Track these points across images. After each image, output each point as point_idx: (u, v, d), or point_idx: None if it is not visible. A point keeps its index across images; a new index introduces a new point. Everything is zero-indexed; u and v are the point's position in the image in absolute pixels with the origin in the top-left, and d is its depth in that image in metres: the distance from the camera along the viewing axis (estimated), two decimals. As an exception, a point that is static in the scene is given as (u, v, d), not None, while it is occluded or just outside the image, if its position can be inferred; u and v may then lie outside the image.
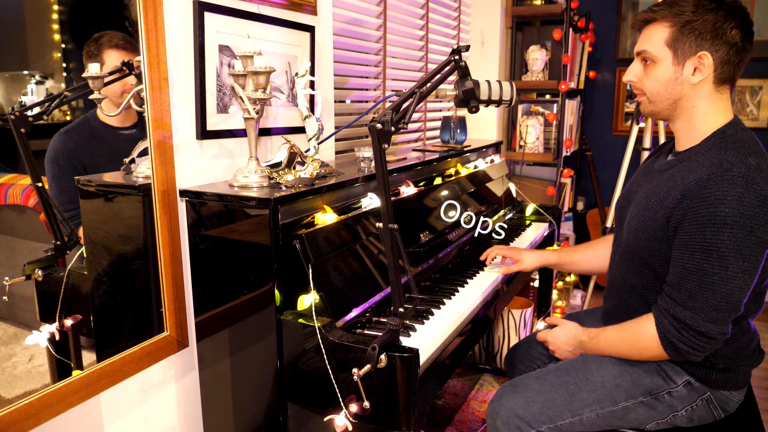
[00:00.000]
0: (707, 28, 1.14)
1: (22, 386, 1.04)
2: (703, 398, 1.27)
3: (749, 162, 1.11)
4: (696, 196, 1.11)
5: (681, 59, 1.18)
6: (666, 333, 1.18)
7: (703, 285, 1.12)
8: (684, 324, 1.15)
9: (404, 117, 1.07)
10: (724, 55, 1.16)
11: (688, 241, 1.13)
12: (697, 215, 1.11)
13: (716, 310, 1.13)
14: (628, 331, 1.27)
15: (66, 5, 1.09)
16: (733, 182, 1.08)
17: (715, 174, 1.10)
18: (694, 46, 1.16)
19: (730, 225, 1.08)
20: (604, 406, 1.28)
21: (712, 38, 1.15)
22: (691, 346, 1.16)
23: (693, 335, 1.15)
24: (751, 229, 1.08)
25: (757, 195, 1.07)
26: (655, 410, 1.28)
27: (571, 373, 1.33)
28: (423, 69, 2.69)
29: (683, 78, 1.20)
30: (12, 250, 1.06)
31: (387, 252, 1.08)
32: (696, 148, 1.22)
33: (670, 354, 1.20)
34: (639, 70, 1.26)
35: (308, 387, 1.20)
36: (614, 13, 3.60)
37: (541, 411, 1.28)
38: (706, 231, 1.10)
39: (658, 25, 1.20)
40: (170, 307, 1.30)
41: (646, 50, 1.22)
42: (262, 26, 1.48)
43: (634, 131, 2.78)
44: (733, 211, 1.07)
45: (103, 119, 1.21)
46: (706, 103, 1.21)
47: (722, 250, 1.09)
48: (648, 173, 1.36)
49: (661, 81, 1.22)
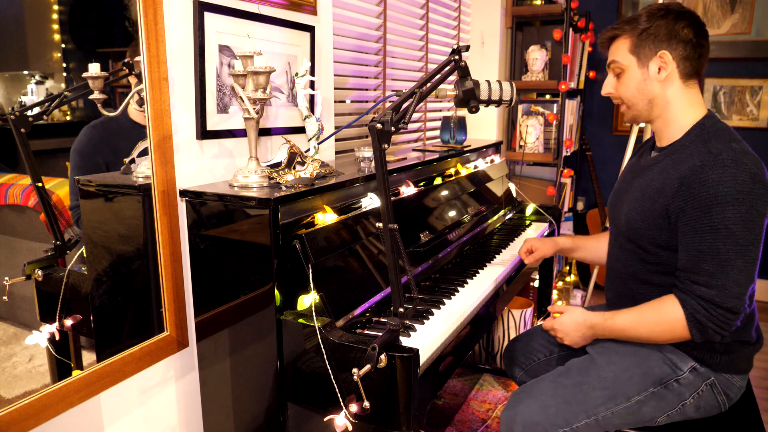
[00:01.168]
0: (661, 31, 1.28)
1: (22, 386, 1.04)
2: (708, 383, 1.30)
3: (733, 146, 1.20)
4: (694, 182, 1.19)
5: (644, 61, 1.31)
6: (695, 313, 1.22)
7: (720, 263, 1.18)
8: (712, 303, 1.20)
9: (404, 117, 1.07)
10: (682, 51, 1.28)
11: (695, 225, 1.20)
12: (699, 199, 1.18)
13: (738, 285, 1.18)
14: (647, 313, 1.30)
15: (66, 5, 1.09)
16: (725, 165, 1.17)
17: (707, 160, 1.19)
18: (654, 47, 1.29)
19: (732, 203, 1.16)
20: (618, 402, 1.29)
21: (668, 39, 1.28)
22: (719, 324, 1.20)
23: (722, 312, 1.19)
24: (751, 203, 1.16)
25: (748, 173, 1.16)
26: (666, 400, 1.30)
27: (583, 372, 1.35)
28: (423, 69, 2.69)
29: (651, 78, 1.31)
30: (12, 250, 1.06)
31: (387, 252, 1.08)
32: (680, 141, 1.30)
33: (694, 334, 1.23)
34: (613, 81, 1.39)
35: (308, 387, 1.20)
36: (614, 13, 3.60)
37: (557, 414, 1.29)
38: (712, 212, 1.17)
39: (620, 39, 1.34)
40: (170, 307, 1.30)
41: (614, 60, 1.35)
42: (262, 26, 1.48)
43: (634, 131, 2.78)
44: (731, 190, 1.16)
45: (134, 117, 1.21)
46: (679, 97, 1.31)
47: (730, 227, 1.16)
48: (635, 170, 1.44)
49: (632, 85, 1.34)
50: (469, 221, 1.98)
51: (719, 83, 3.46)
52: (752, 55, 3.36)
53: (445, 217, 1.85)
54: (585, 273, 3.62)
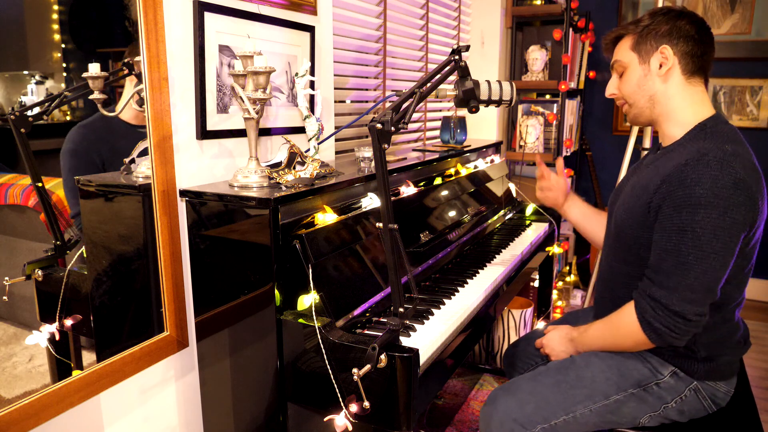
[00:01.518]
0: (663, 28, 1.27)
1: (22, 386, 1.04)
2: (691, 388, 1.29)
3: (725, 148, 1.16)
4: (674, 180, 1.16)
5: (645, 58, 1.29)
6: (643, 312, 1.21)
7: (678, 265, 1.16)
8: (659, 303, 1.18)
9: (404, 117, 1.07)
10: (683, 46, 1.26)
11: (665, 223, 1.18)
12: (674, 198, 1.16)
13: (690, 290, 1.15)
14: (612, 320, 1.30)
15: (66, 5, 1.09)
16: (708, 165, 1.13)
17: (692, 159, 1.15)
18: (655, 43, 1.28)
19: (704, 206, 1.12)
20: (596, 401, 1.29)
21: (669, 34, 1.27)
22: (668, 327, 1.17)
23: (668, 314, 1.17)
24: (725, 210, 1.11)
25: (731, 177, 1.11)
26: (646, 402, 1.29)
27: (561, 371, 1.35)
28: (423, 69, 2.69)
29: (652, 73, 1.29)
30: (12, 250, 1.06)
31: (387, 252, 1.08)
32: (679, 141, 1.28)
33: (650, 337, 1.21)
34: (616, 81, 1.38)
35: (308, 387, 1.20)
36: (614, 13, 3.60)
37: (535, 411, 1.29)
38: (682, 212, 1.14)
39: (624, 39, 1.34)
40: (170, 307, 1.30)
41: (617, 60, 1.35)
42: (262, 26, 1.48)
43: (634, 131, 2.78)
44: (707, 192, 1.11)
45: (122, 116, 1.21)
46: (680, 94, 1.28)
47: (696, 231, 1.13)
48: (636, 168, 1.43)
49: (633, 81, 1.32)
50: (469, 221, 1.98)
51: (719, 83, 3.46)
52: (752, 55, 3.36)
53: (445, 217, 1.85)
54: (585, 273, 3.62)
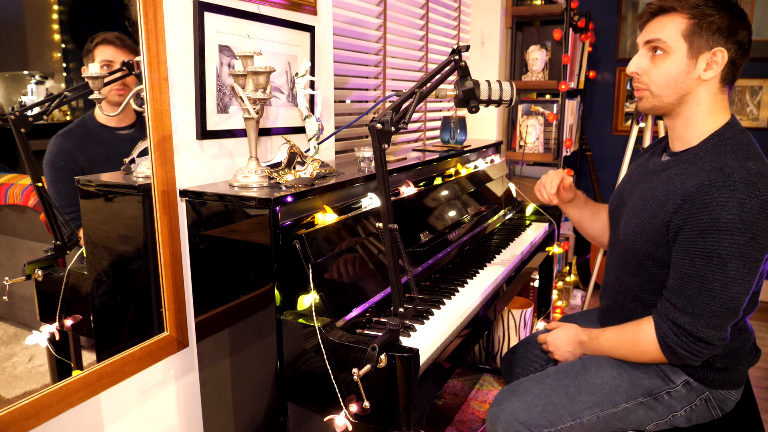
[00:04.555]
0: (724, 24, 1.13)
1: (22, 386, 1.04)
2: (702, 398, 1.27)
3: (749, 166, 1.10)
4: (697, 201, 1.10)
5: (695, 53, 1.15)
6: (665, 337, 1.18)
7: (703, 291, 1.12)
8: (683, 329, 1.15)
9: (404, 117, 1.07)
10: (734, 54, 1.15)
11: (688, 247, 1.13)
12: (698, 221, 1.10)
13: (716, 316, 1.12)
14: (627, 333, 1.27)
15: (66, 5, 1.09)
16: (735, 188, 1.07)
17: (716, 180, 1.09)
18: (711, 41, 1.14)
19: (732, 231, 1.07)
20: (605, 408, 1.27)
21: (727, 35, 1.13)
22: (690, 351, 1.16)
23: (692, 341, 1.15)
24: (753, 235, 1.07)
25: (758, 201, 1.06)
26: (655, 411, 1.28)
27: (570, 375, 1.33)
28: (423, 69, 2.69)
29: (695, 73, 1.16)
30: (12, 250, 1.06)
31: (387, 252, 1.08)
32: (694, 150, 1.20)
33: (669, 358, 1.20)
34: (645, 61, 1.21)
35: (308, 387, 1.20)
36: (614, 13, 3.60)
37: (541, 415, 1.28)
38: (708, 237, 1.09)
39: (675, 15, 1.15)
40: (170, 307, 1.30)
41: (660, 39, 1.16)
42: (262, 26, 1.48)
43: (634, 131, 2.78)
44: (735, 218, 1.06)
45: (101, 120, 1.20)
46: (710, 102, 1.19)
47: (723, 257, 1.08)
48: (643, 173, 1.34)
49: (672, 73, 1.17)
50: (469, 221, 1.98)
51: (719, 83, 3.46)
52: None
53: (445, 217, 1.85)
54: (585, 273, 3.62)
